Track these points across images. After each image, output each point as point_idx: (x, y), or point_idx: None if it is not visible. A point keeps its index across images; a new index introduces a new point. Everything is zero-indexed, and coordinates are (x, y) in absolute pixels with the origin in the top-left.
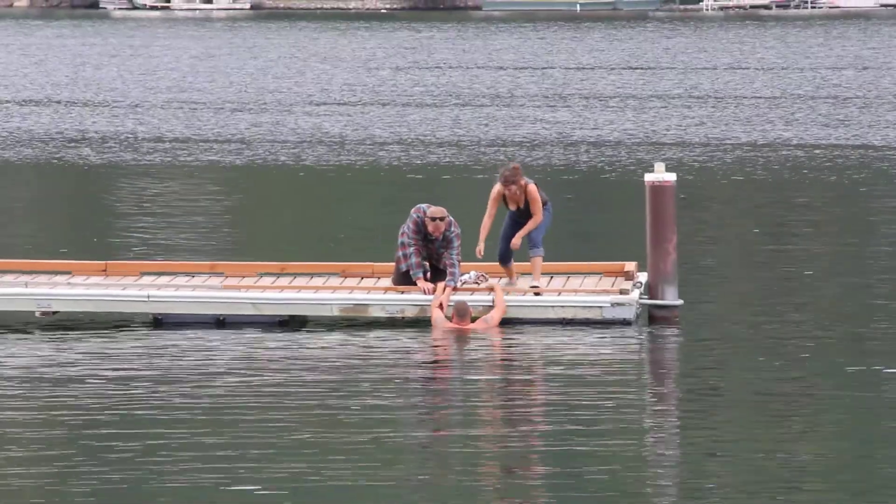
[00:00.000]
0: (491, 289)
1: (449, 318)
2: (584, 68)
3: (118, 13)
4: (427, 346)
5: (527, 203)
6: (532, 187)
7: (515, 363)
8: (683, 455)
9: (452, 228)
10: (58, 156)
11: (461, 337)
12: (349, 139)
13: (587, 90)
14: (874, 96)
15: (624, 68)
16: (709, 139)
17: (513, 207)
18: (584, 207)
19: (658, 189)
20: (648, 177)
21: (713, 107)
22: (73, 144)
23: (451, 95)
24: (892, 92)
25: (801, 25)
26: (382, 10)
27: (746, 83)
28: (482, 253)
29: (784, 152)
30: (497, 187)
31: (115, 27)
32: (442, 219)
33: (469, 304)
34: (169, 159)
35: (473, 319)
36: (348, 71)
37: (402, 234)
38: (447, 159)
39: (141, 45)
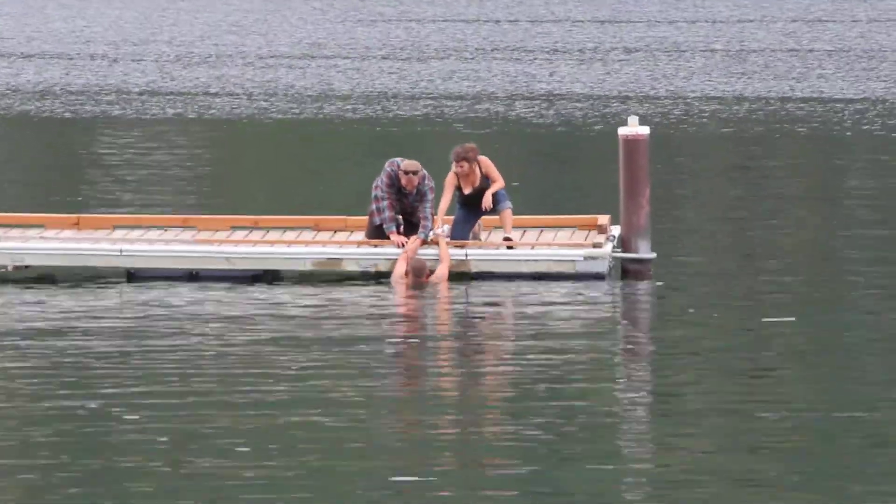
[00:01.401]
0: (435, 242)
1: (405, 274)
2: (553, 21)
3: None
4: (400, 301)
5: (480, 186)
6: (486, 158)
7: (488, 317)
8: (655, 410)
9: (426, 182)
10: (28, 109)
11: (432, 291)
12: (322, 93)
13: (560, 43)
14: (852, 49)
15: (597, 21)
16: (680, 92)
17: (467, 190)
18: (557, 161)
19: (631, 142)
20: (622, 130)
21: (687, 60)
22: (42, 98)
23: (420, 49)
24: (862, 44)
25: None
26: None
27: (719, 36)
28: (442, 227)
29: (755, 105)
30: (451, 173)
31: None
32: (415, 172)
33: (427, 262)
34: (140, 113)
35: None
36: (321, 24)
37: (376, 187)
38: (418, 113)
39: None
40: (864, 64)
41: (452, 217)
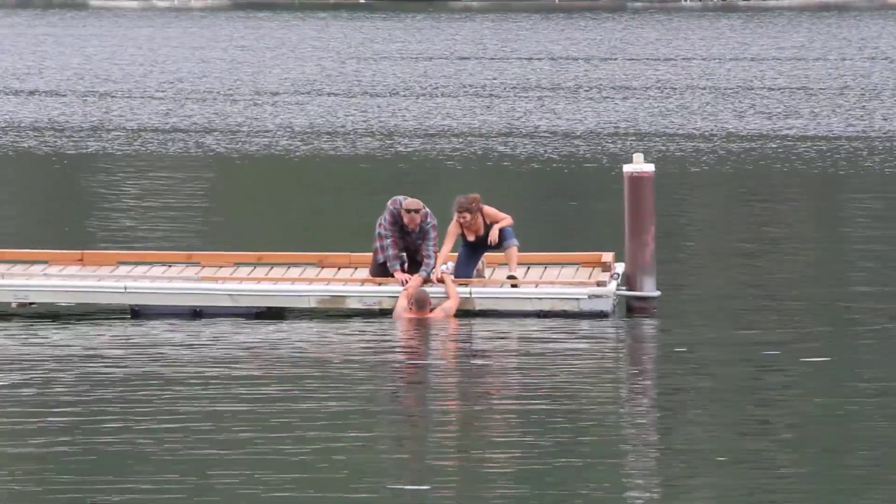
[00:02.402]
0: (440, 280)
1: (409, 308)
2: (561, 59)
3: (96, 2)
4: (404, 338)
5: (485, 231)
6: (490, 208)
7: (492, 355)
8: (660, 448)
9: (428, 220)
10: (32, 145)
11: (436, 328)
12: (326, 129)
13: (565, 81)
14: (849, 87)
15: (602, 59)
16: (685, 130)
17: (471, 237)
18: (561, 198)
19: (637, 180)
20: (627, 167)
21: (689, 98)
22: (47, 134)
23: (427, 86)
24: (867, 82)
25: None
26: (361, 1)
27: (723, 74)
28: (447, 265)
29: (760, 143)
30: (453, 222)
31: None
32: (417, 210)
33: (430, 295)
34: (144, 149)
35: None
36: (325, 61)
37: (379, 225)
38: (423, 150)
39: (117, 35)
40: (865, 102)
41: (456, 254)
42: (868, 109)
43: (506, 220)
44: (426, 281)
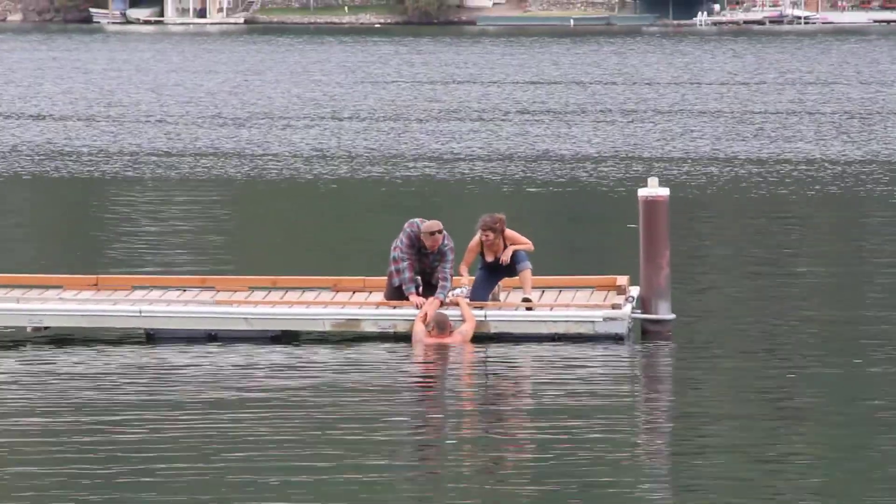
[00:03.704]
0: (455, 303)
1: (429, 331)
2: (578, 83)
3: (111, 27)
4: (418, 362)
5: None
6: (513, 232)
7: (507, 379)
8: (675, 471)
9: (446, 242)
10: (47, 169)
11: (452, 352)
12: (340, 153)
13: (581, 104)
14: (865, 111)
15: (617, 82)
16: (700, 153)
17: (490, 258)
18: (576, 221)
19: (651, 204)
20: (642, 191)
21: (704, 121)
22: (63, 158)
23: (442, 110)
24: (881, 106)
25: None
26: (376, 25)
27: (738, 97)
28: (462, 289)
29: (775, 166)
30: (475, 239)
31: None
32: (439, 232)
33: (450, 318)
34: (158, 173)
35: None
36: (339, 85)
37: (395, 248)
38: (438, 173)
39: (132, 59)
40: (881, 125)
41: (472, 277)
42: (882, 132)
43: (526, 244)
44: (442, 303)
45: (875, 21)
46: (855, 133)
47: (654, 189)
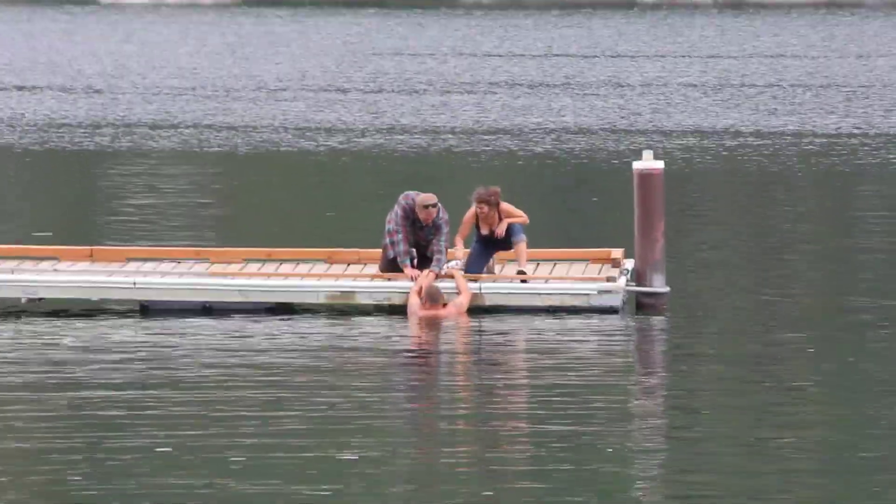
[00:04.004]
0: (450, 276)
1: (422, 303)
2: (571, 55)
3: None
4: (413, 334)
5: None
6: (508, 205)
7: (502, 351)
8: (669, 444)
9: (441, 215)
10: (42, 141)
11: (446, 324)
12: (335, 126)
13: (575, 77)
14: (860, 84)
15: (612, 56)
16: (695, 127)
17: (485, 230)
18: (571, 194)
19: (646, 177)
20: (637, 164)
21: (700, 95)
22: (56, 130)
23: (436, 83)
24: (877, 79)
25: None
26: None
27: (734, 71)
28: (456, 261)
29: (770, 140)
30: (470, 211)
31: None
32: (434, 205)
33: (442, 290)
34: (153, 145)
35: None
36: (334, 57)
37: (390, 221)
38: (432, 147)
39: (126, 31)
40: (876, 99)
41: (468, 250)
42: (879, 107)
43: (521, 217)
44: (438, 276)
45: None
46: (855, 106)
47: (648, 162)
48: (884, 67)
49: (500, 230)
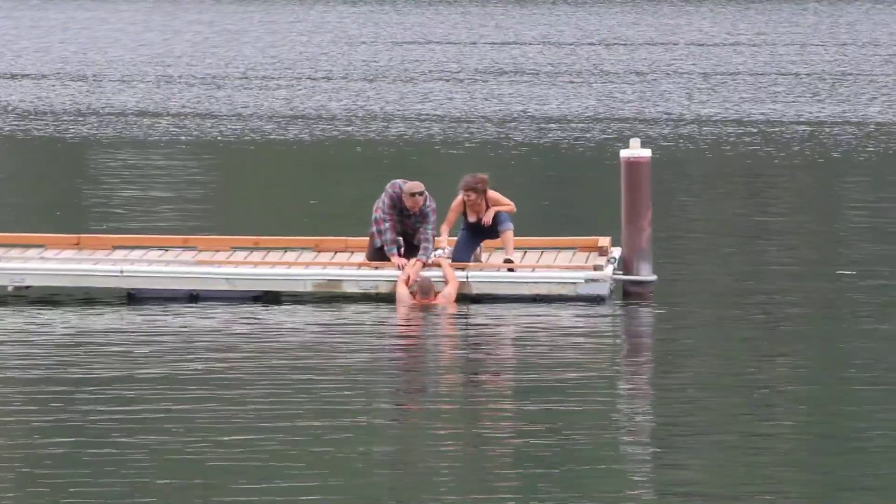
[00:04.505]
0: (437, 265)
1: (413, 295)
2: (560, 43)
3: None
4: (400, 323)
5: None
6: (495, 193)
7: (489, 340)
8: (656, 431)
9: (428, 203)
10: (29, 129)
11: (433, 313)
12: (322, 114)
13: (560, 65)
14: (849, 73)
15: (602, 43)
16: (683, 115)
17: (472, 218)
18: (557, 183)
19: (633, 165)
20: (624, 153)
21: (688, 83)
22: (42, 118)
23: (423, 70)
24: (866, 68)
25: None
26: None
27: (723, 59)
28: (444, 249)
29: (757, 128)
30: (458, 199)
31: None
32: (420, 193)
33: (433, 280)
34: (142, 133)
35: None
36: (321, 45)
37: (377, 209)
38: (419, 135)
39: (111, 18)
40: (865, 88)
41: (455, 239)
42: (867, 96)
43: (508, 206)
44: (425, 264)
45: None
46: (844, 95)
47: (635, 150)
48: (866, 55)
49: (487, 218)
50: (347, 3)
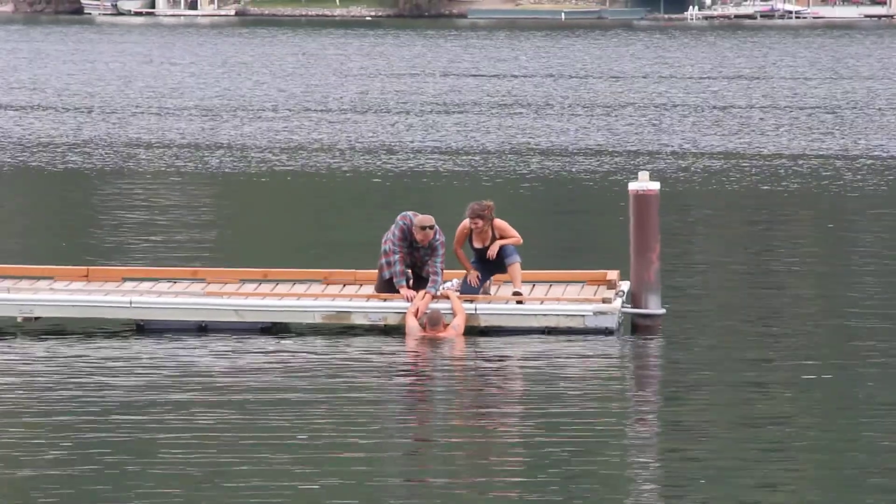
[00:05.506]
0: (445, 297)
1: (423, 327)
2: (567, 76)
3: (102, 18)
4: (408, 355)
5: (491, 243)
6: (502, 222)
7: (498, 372)
8: (665, 465)
9: (437, 236)
10: (39, 161)
11: (442, 345)
12: (331, 146)
13: (569, 98)
14: (854, 105)
15: (608, 76)
16: (691, 148)
17: (478, 244)
18: (566, 216)
19: (642, 198)
20: (632, 185)
21: (695, 115)
22: (53, 149)
23: (432, 103)
24: (873, 101)
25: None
26: (367, 18)
27: (729, 92)
28: (452, 282)
29: (765, 161)
30: (464, 223)
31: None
32: (431, 227)
33: (442, 312)
34: (150, 164)
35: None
36: (332, 78)
37: (387, 241)
38: (428, 166)
39: (122, 50)
40: (872, 121)
41: (463, 272)
42: (874, 128)
43: (514, 238)
44: (434, 297)
45: (865, 16)
46: (852, 128)
47: (644, 183)
48: (885, 88)
49: (492, 252)
50: (359, 36)
